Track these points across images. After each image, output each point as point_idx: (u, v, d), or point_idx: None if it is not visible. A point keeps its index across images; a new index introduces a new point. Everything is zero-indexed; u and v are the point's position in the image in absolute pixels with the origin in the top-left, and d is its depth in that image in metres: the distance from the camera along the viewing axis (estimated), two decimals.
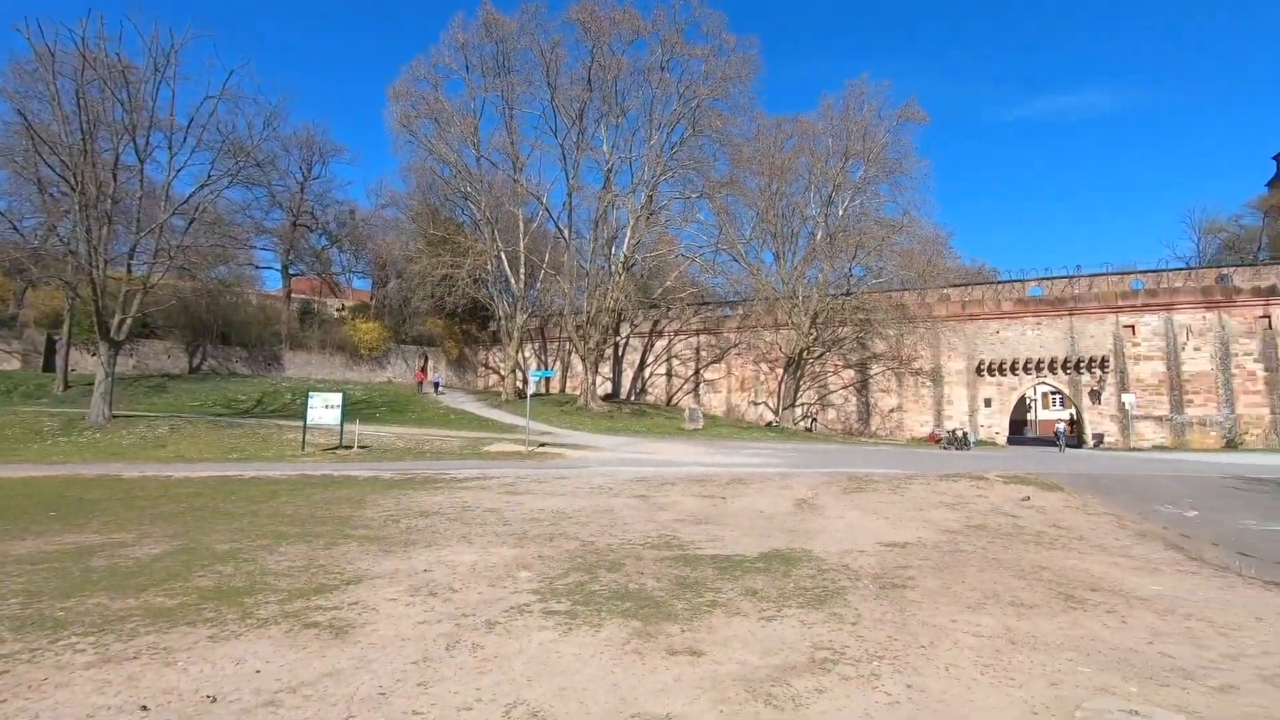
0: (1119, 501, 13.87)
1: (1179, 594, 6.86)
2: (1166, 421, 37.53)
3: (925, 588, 6.70)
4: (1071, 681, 4.37)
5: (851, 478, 15.80)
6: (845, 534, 9.58)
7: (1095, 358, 38.74)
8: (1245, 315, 37.01)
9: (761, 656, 4.72)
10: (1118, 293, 40.11)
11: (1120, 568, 8.09)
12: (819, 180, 40.22)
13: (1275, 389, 36.02)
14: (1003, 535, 9.92)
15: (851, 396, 43.92)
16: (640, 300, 41.26)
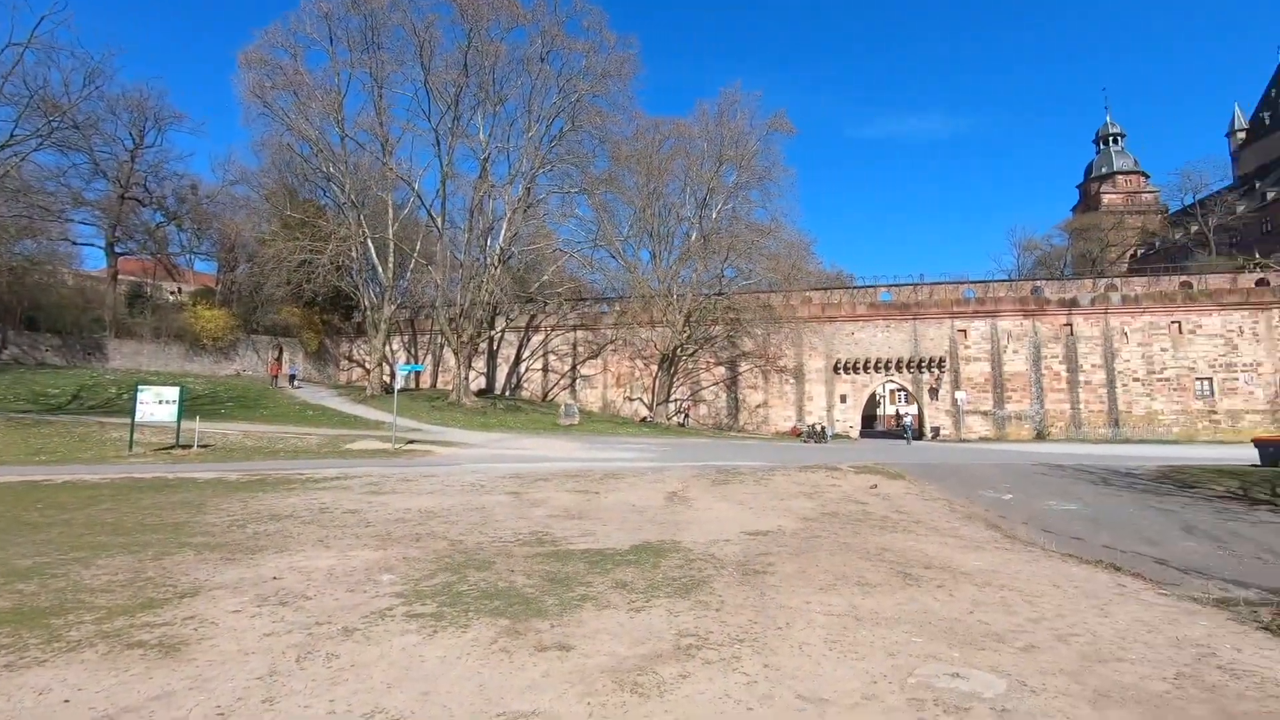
0: (951, 488, 15.43)
1: (996, 568, 7.75)
2: (991, 416, 42.23)
3: (783, 572, 7.11)
4: (906, 651, 4.82)
5: (720, 471, 16.45)
6: (713, 525, 9.96)
7: (934, 358, 42.84)
8: (1053, 323, 42.40)
9: (630, 647, 4.81)
10: (953, 300, 44.57)
11: (949, 547, 9.01)
12: (694, 183, 41.49)
13: (1074, 388, 41.58)
14: (853, 521, 10.73)
15: (722, 393, 45.71)
16: (517, 294, 40.59)
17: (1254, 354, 39.66)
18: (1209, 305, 40.79)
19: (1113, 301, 42.13)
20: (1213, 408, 39.70)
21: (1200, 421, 39.57)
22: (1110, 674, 4.45)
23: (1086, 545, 11.03)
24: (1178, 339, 40.70)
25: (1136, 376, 40.89)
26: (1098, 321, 41.77)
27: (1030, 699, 4.01)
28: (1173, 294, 42.27)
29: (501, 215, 38.18)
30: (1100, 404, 41.13)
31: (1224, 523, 12.97)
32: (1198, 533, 12.39)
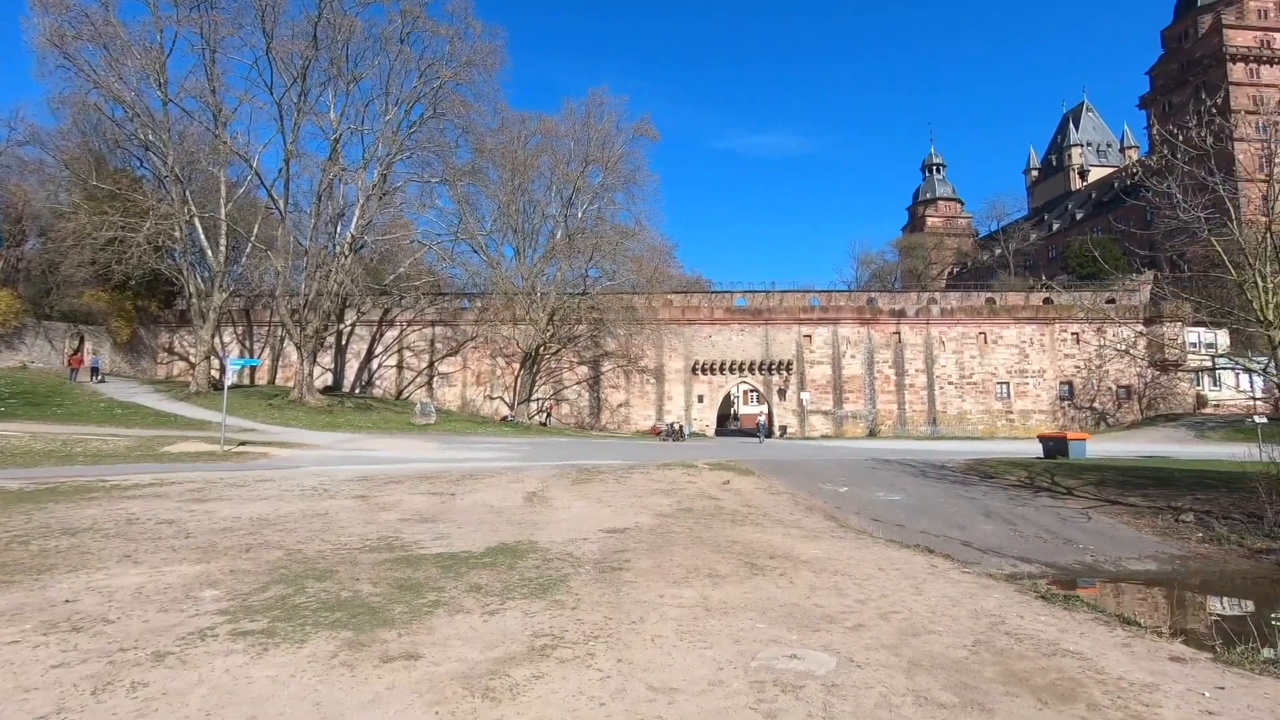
0: (795, 482, 16.54)
1: (831, 555, 8.42)
2: (831, 415, 45.79)
3: (639, 568, 7.28)
4: (750, 637, 5.11)
5: (580, 470, 16.51)
6: (571, 524, 9.98)
7: (783, 361, 45.72)
8: (884, 331, 46.76)
9: (482, 651, 4.70)
10: (800, 307, 47.84)
11: (792, 537, 9.66)
12: (560, 181, 41.34)
13: (901, 390, 46.11)
14: (706, 516, 11.20)
15: (584, 392, 45.91)
16: (369, 286, 38.22)
17: (1040, 362, 46.12)
18: (1008, 319, 46.90)
19: (933, 313, 47.22)
20: (1009, 408, 45.68)
21: (1000, 420, 45.37)
22: (922, 645, 4.99)
23: (907, 531, 12.27)
24: (984, 348, 46.40)
25: (951, 380, 46.12)
26: (921, 331, 46.63)
27: (856, 673, 4.40)
28: (980, 308, 48.14)
29: (354, 201, 35.79)
30: (922, 404, 45.94)
31: (1015, 508, 14.95)
32: (995, 517, 14.19)
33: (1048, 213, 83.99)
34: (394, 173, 37.34)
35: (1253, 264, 13.41)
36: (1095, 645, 5.09)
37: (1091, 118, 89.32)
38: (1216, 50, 61.77)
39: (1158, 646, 5.16)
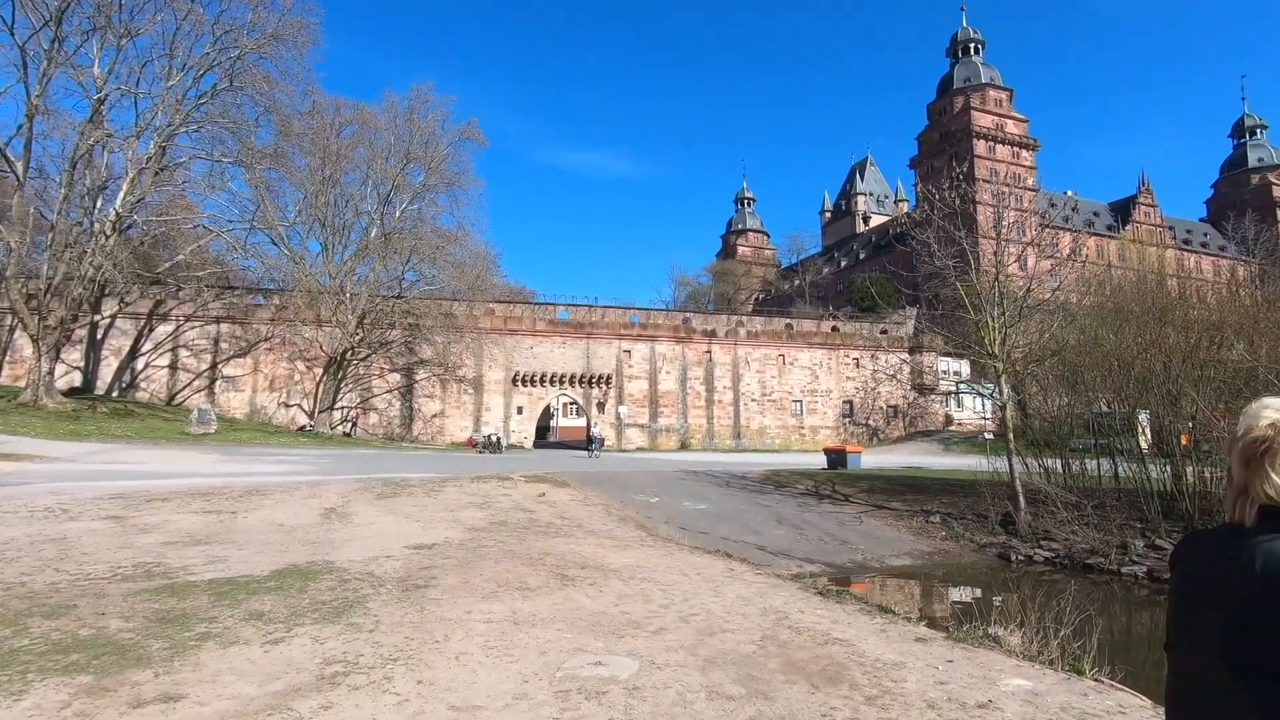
0: (609, 493, 16.92)
1: (639, 563, 8.73)
2: (646, 428, 47.50)
3: (446, 585, 7.01)
4: (558, 647, 5.13)
5: (387, 483, 15.54)
6: (374, 541, 9.35)
7: (603, 375, 46.69)
8: (697, 349, 49.63)
9: (261, 686, 4.24)
10: (621, 323, 49.26)
11: (604, 547, 9.87)
12: (378, 177, 38.86)
13: (711, 405, 49.14)
14: (520, 529, 11.08)
15: (396, 401, 43.34)
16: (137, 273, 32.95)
17: (828, 383, 51.68)
18: (803, 344, 52.01)
19: (741, 335, 51.03)
20: (802, 424, 50.56)
21: (794, 434, 50.02)
22: (717, 644, 5.35)
23: (711, 538, 13.08)
24: (782, 369, 50.97)
25: (754, 397, 50.06)
26: (730, 351, 50.14)
27: (656, 674, 4.61)
28: (781, 333, 52.88)
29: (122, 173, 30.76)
30: (729, 419, 49.31)
31: (802, 514, 16.55)
32: (786, 522, 15.59)
33: (838, 251, 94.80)
34: (176, 146, 32.74)
35: (985, 307, 16.20)
36: (859, 633, 5.80)
37: (874, 171, 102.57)
38: (966, 127, 74.08)
39: (906, 630, 6.00)
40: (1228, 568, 1.40)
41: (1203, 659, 1.41)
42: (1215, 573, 1.44)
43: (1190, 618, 1.48)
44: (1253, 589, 1.33)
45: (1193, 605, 1.48)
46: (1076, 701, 4.38)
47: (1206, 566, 1.48)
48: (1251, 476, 1.41)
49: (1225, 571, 1.41)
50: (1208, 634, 1.40)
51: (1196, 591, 1.48)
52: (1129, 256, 73.04)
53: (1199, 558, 1.53)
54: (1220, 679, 1.37)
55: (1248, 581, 1.34)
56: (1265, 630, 1.30)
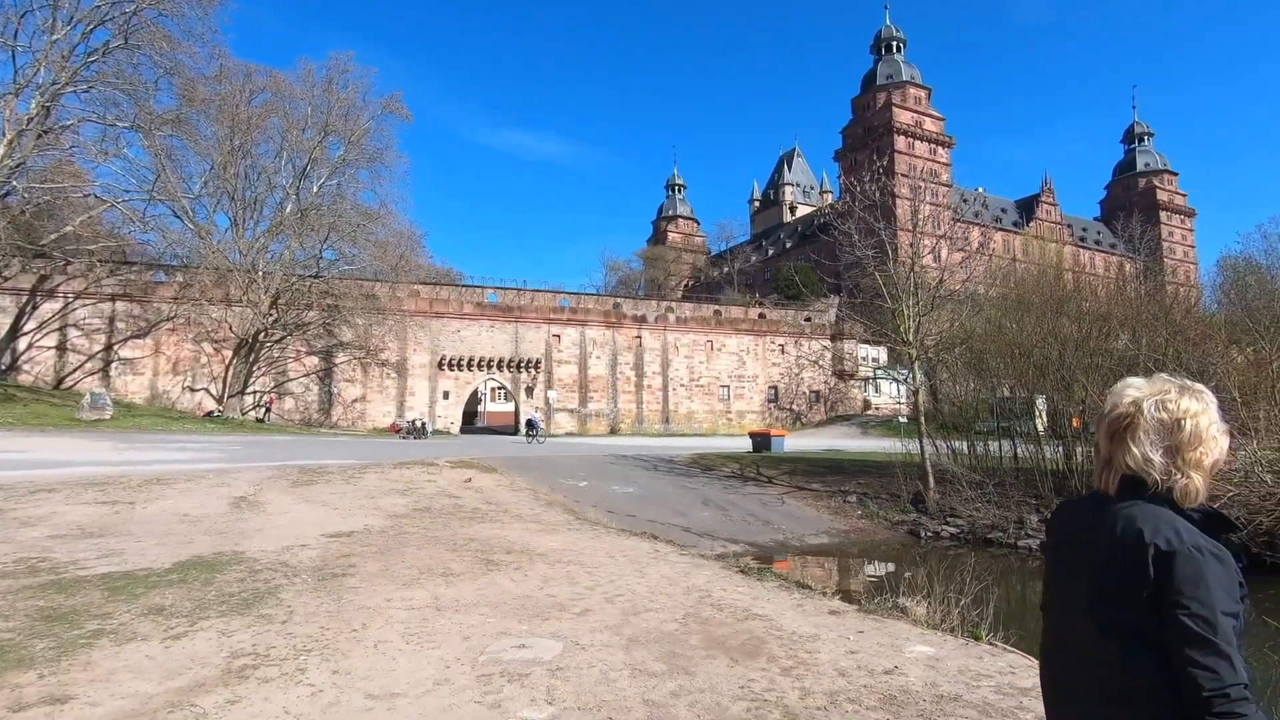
0: (537, 478, 16.82)
1: (566, 547, 8.74)
2: (576, 413, 47.37)
3: (366, 572, 6.82)
4: (481, 632, 5.09)
5: (303, 470, 14.91)
6: (288, 529, 8.98)
7: (532, 359, 46.18)
8: (628, 334, 49.77)
9: (161, 683, 4.02)
10: (550, 307, 48.79)
11: (530, 532, 9.83)
12: (293, 149, 36.82)
13: (641, 390, 49.47)
14: (444, 515, 10.88)
15: (314, 385, 41.53)
16: (18, 245, 30.15)
17: (754, 369, 52.91)
18: (730, 330, 52.97)
19: (670, 321, 51.48)
20: (729, 408, 51.62)
21: (721, 419, 51.01)
22: (641, 623, 5.43)
23: (638, 520, 13.23)
24: (710, 354, 51.80)
25: (683, 382, 50.70)
26: (659, 336, 50.52)
27: (580, 654, 4.64)
28: (709, 319, 53.67)
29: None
30: (658, 404, 49.78)
31: (728, 495, 16.95)
32: (711, 504, 15.94)
33: (766, 239, 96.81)
34: (62, 107, 30.03)
35: (901, 296, 16.94)
36: (777, 608, 6.01)
37: (800, 162, 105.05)
38: (887, 123, 76.81)
39: (822, 604, 6.27)
40: (1093, 533, 1.53)
41: (1073, 619, 1.54)
42: (1083, 537, 1.57)
43: (1062, 580, 1.61)
44: (1114, 552, 1.46)
45: (1064, 568, 1.61)
46: (972, 664, 4.70)
47: (1076, 532, 1.61)
48: (1115, 449, 1.55)
49: (1091, 536, 1.53)
50: (1077, 595, 1.53)
51: (1067, 555, 1.61)
52: (1031, 251, 77.81)
53: (1070, 524, 1.66)
54: (1090, 638, 1.49)
55: (1109, 545, 1.47)
56: (1125, 592, 1.42)
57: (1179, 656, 1.34)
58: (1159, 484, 1.49)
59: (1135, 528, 1.44)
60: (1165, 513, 1.46)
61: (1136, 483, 1.51)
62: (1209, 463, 1.50)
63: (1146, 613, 1.39)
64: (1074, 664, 1.56)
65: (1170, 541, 1.39)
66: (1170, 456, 1.50)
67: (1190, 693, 1.33)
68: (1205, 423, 1.50)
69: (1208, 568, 1.37)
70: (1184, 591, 1.35)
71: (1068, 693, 1.59)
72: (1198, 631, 1.33)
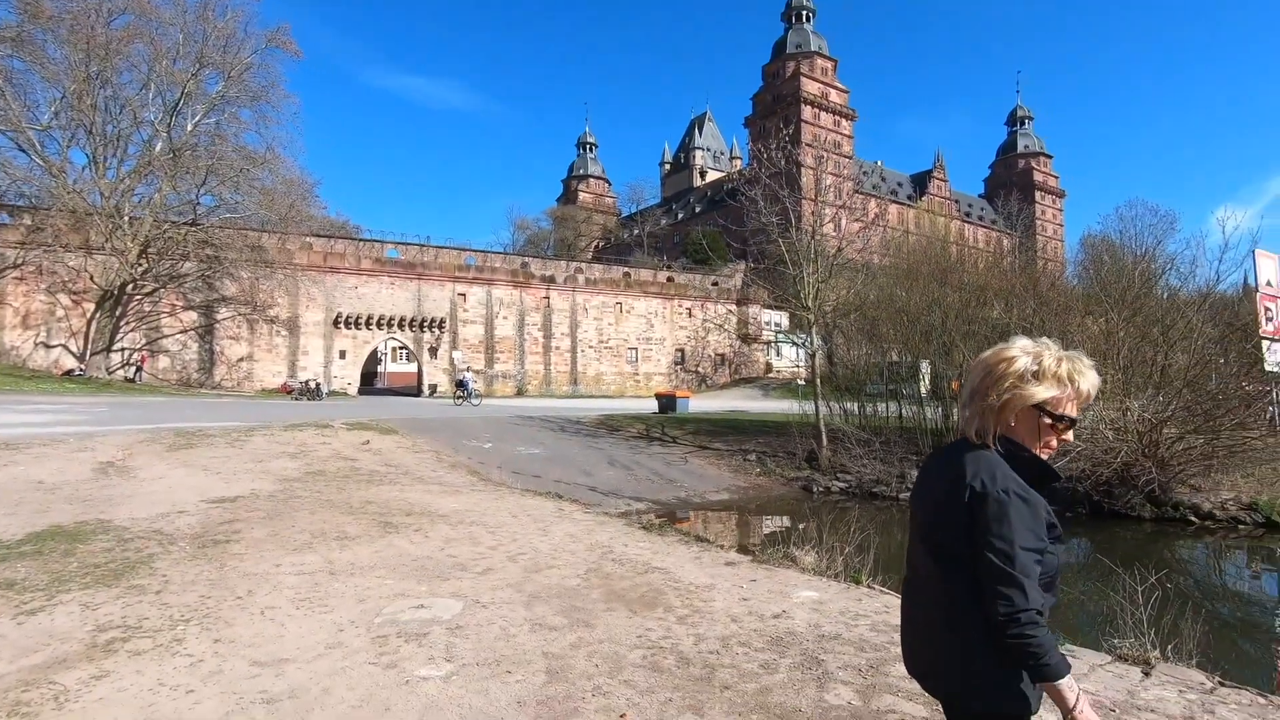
0: (440, 439, 16.46)
1: (469, 508, 8.64)
2: (482, 374, 46.43)
3: (252, 538, 6.49)
4: (377, 594, 4.98)
5: (181, 433, 13.88)
6: (163, 496, 8.37)
7: (436, 319, 44.69)
8: (536, 295, 49.00)
9: (11, 661, 3.69)
10: (456, 265, 47.22)
11: (432, 494, 9.65)
12: (164, 81, 33.16)
13: (548, 352, 49.07)
14: (340, 478, 10.47)
15: (193, 343, 38.45)
16: None
17: (662, 331, 53.60)
18: (639, 293, 53.23)
19: (579, 282, 51.09)
20: (637, 371, 52.18)
21: (629, 381, 51.54)
22: (543, 580, 5.48)
23: (544, 481, 13.26)
24: (619, 317, 51.95)
25: (591, 345, 50.69)
26: (568, 297, 50.07)
27: (481, 612, 4.64)
28: (619, 281, 53.68)
29: None
30: (566, 366, 49.60)
31: (633, 455, 17.25)
32: (617, 464, 16.18)
33: (676, 203, 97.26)
34: None
35: (803, 263, 17.56)
36: (676, 561, 6.23)
37: (711, 127, 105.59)
38: (795, 92, 78.29)
39: (718, 556, 6.55)
40: (936, 473, 1.73)
41: (917, 548, 1.74)
42: (929, 476, 1.77)
43: (913, 515, 1.80)
44: (944, 487, 1.65)
45: (915, 504, 1.81)
46: (852, 605, 5.07)
47: (927, 473, 1.81)
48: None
49: (935, 476, 1.73)
50: (919, 526, 1.74)
51: (919, 493, 1.80)
52: (923, 225, 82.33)
53: (926, 467, 1.86)
54: (925, 564, 1.71)
55: (942, 482, 1.66)
56: (948, 523, 1.62)
57: (984, 584, 1.54)
58: (965, 426, 1.71)
59: (961, 469, 1.62)
60: (990, 457, 1.63)
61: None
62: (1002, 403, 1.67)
63: (963, 541, 1.59)
64: (915, 589, 1.77)
65: (984, 484, 1.57)
66: (972, 398, 1.71)
67: (992, 616, 1.52)
68: (1012, 368, 1.67)
69: (1012, 508, 1.54)
70: (990, 528, 1.54)
71: (911, 616, 1.80)
72: (998, 564, 1.51)
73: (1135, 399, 13.37)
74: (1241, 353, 15.65)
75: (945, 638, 1.67)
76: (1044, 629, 1.51)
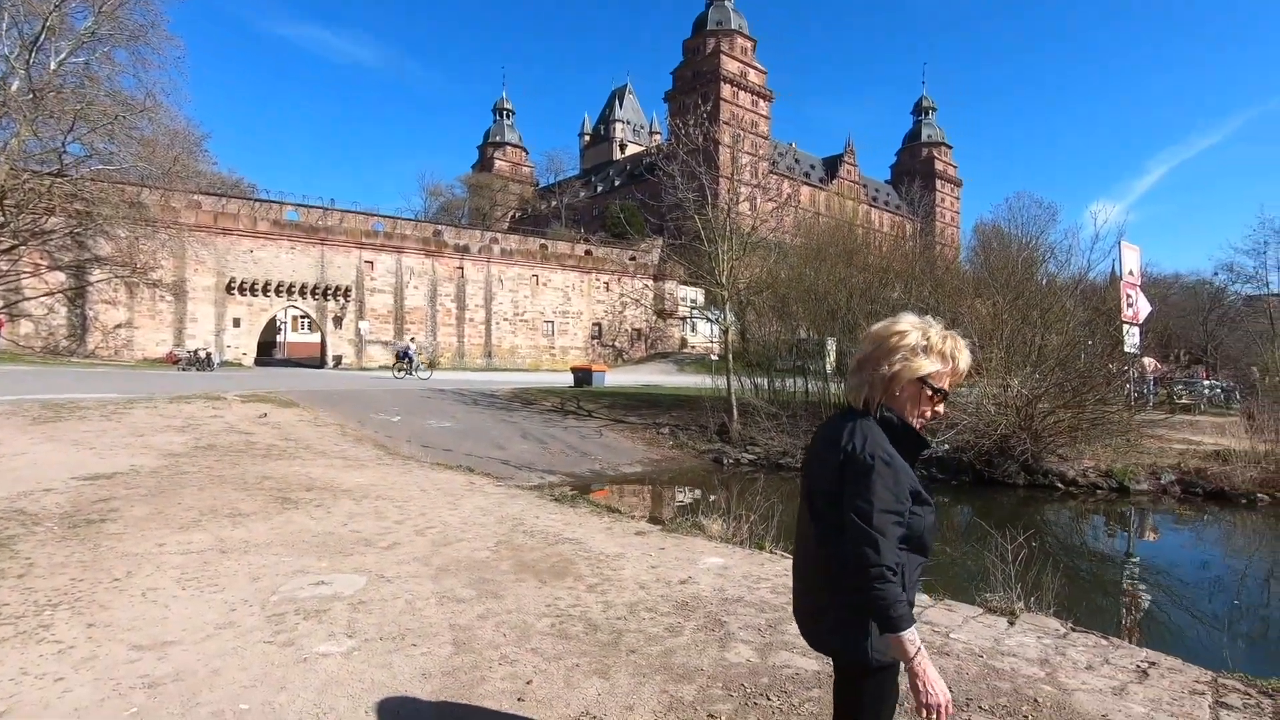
0: (345, 412, 15.83)
1: (375, 482, 8.38)
2: (391, 346, 44.78)
3: (132, 517, 6.04)
4: (274, 572, 4.78)
5: (47, 405, 12.68)
6: (27, 473, 7.65)
7: (341, 287, 42.59)
8: (449, 265, 47.52)
9: None
10: (363, 231, 45.01)
11: (335, 468, 9.28)
12: (19, 10, 29.45)
13: (462, 323, 47.85)
14: (233, 453, 9.89)
15: (60, 307, 34.98)
16: None
17: (579, 305, 53.32)
18: (556, 265, 52.62)
19: (495, 253, 49.90)
20: (553, 344, 51.79)
21: (545, 355, 51.10)
22: (452, 553, 5.41)
23: (455, 454, 13.02)
24: (536, 289, 51.23)
25: (506, 317, 49.81)
26: (483, 268, 48.86)
27: (386, 587, 4.54)
28: (535, 253, 52.80)
29: None
30: (480, 338, 48.57)
31: (548, 429, 17.20)
32: (531, 438, 16.09)
33: (595, 175, 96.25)
34: None
35: (718, 241, 17.85)
36: (588, 532, 6.30)
37: (632, 100, 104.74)
38: (715, 69, 78.74)
39: (629, 527, 6.66)
40: (821, 439, 1.87)
41: (804, 512, 1.88)
42: (815, 444, 1.91)
43: (802, 481, 1.93)
44: (823, 450, 1.80)
45: (802, 471, 1.94)
46: (755, 570, 5.30)
47: (816, 438, 1.94)
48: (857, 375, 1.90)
49: (818, 442, 1.87)
50: (805, 492, 1.88)
51: (806, 460, 1.94)
52: (833, 207, 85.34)
53: (815, 434, 1.98)
54: (805, 521, 1.85)
55: (823, 445, 1.82)
56: (825, 483, 1.77)
57: (848, 540, 1.66)
58: (851, 396, 1.87)
59: (839, 435, 1.76)
60: (867, 424, 1.76)
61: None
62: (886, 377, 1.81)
63: (836, 501, 1.72)
64: (802, 551, 1.91)
65: (855, 447, 1.71)
66: (860, 370, 1.88)
67: (850, 569, 1.66)
68: (900, 342, 1.82)
69: (876, 472, 1.66)
70: (854, 489, 1.68)
71: (799, 570, 1.95)
72: (858, 523, 1.64)
73: (1015, 376, 14.49)
74: (1106, 335, 17.26)
75: (827, 596, 1.79)
76: (894, 585, 1.61)
